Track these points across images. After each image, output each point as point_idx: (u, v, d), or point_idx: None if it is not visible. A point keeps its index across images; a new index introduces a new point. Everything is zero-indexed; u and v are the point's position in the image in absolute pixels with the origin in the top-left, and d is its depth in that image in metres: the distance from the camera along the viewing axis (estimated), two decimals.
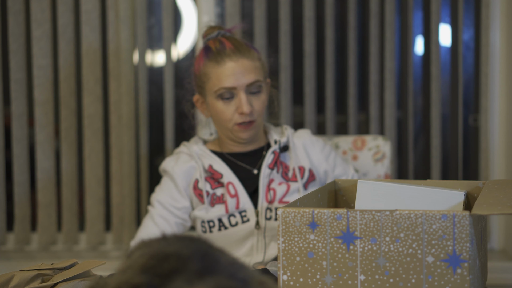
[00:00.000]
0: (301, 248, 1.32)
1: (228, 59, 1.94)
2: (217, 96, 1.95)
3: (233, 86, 1.93)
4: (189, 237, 0.94)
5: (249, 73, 1.94)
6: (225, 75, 1.93)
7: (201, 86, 2.00)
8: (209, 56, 1.97)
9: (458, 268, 1.27)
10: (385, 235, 1.29)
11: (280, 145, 2.00)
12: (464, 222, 1.26)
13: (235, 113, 1.94)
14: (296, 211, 1.33)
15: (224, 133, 2.01)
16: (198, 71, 2.00)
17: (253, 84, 1.95)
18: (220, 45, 1.97)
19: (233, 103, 1.94)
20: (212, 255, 0.90)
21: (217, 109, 1.96)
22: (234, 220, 1.97)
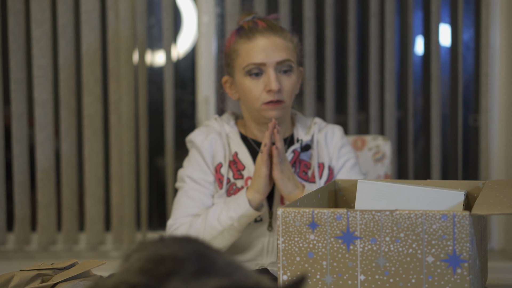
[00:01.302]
0: (301, 248, 1.32)
1: (260, 35, 1.88)
2: (246, 73, 1.88)
3: (263, 62, 1.86)
4: (186, 238, 0.94)
5: (280, 50, 1.87)
6: (255, 51, 1.86)
7: (230, 64, 1.93)
8: (240, 33, 1.91)
9: (458, 268, 1.27)
10: (385, 235, 1.29)
11: (301, 144, 1.94)
12: (464, 222, 1.26)
13: (263, 92, 1.86)
14: (296, 211, 1.32)
15: (252, 114, 1.93)
16: (228, 50, 1.94)
17: (283, 62, 1.87)
18: (253, 24, 1.92)
19: (262, 81, 1.87)
20: (209, 256, 0.90)
21: (245, 87, 1.88)
22: None
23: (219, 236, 1.83)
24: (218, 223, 1.83)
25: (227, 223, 1.82)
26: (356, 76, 2.78)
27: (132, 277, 0.87)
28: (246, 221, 1.82)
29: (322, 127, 1.99)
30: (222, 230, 1.82)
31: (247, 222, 1.83)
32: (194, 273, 0.87)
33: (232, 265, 0.91)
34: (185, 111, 2.96)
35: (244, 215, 1.81)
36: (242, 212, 1.81)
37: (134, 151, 2.78)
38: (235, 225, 1.82)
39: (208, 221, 1.84)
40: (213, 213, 1.84)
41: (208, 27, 2.83)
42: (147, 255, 0.90)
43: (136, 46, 2.77)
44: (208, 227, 1.83)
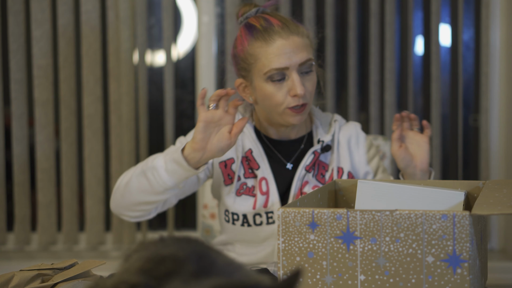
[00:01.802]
0: (301, 248, 1.32)
1: (278, 36, 1.75)
2: (267, 78, 1.76)
3: (285, 66, 1.74)
4: (186, 238, 0.94)
5: (301, 51, 1.76)
6: (276, 55, 1.74)
7: (246, 68, 1.80)
8: (254, 34, 1.78)
9: (458, 268, 1.27)
10: (385, 235, 1.29)
11: (322, 145, 1.85)
12: (464, 222, 1.26)
13: (287, 96, 1.76)
14: (296, 211, 1.32)
15: (273, 117, 1.82)
16: (243, 53, 1.80)
17: (305, 63, 1.76)
18: (265, 22, 1.78)
19: (285, 85, 1.76)
20: (209, 256, 0.90)
21: (267, 92, 1.77)
22: (259, 219, 1.84)
23: (144, 174, 1.71)
24: (151, 162, 1.72)
25: (158, 163, 1.69)
26: (356, 76, 2.78)
27: (132, 277, 0.87)
28: (173, 169, 1.67)
29: (342, 124, 1.92)
30: (151, 167, 1.70)
31: (174, 172, 1.68)
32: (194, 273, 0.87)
33: (233, 265, 0.92)
34: (185, 111, 2.96)
35: (174, 160, 1.66)
36: (173, 156, 1.67)
37: (134, 151, 2.78)
38: (163, 168, 1.68)
39: (148, 159, 1.76)
40: (157, 154, 1.78)
41: (208, 27, 2.84)
42: (147, 255, 0.90)
43: (136, 46, 2.78)
44: (144, 162, 1.76)
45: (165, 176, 1.68)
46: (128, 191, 1.75)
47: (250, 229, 1.85)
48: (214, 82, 2.84)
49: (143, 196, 1.74)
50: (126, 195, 1.76)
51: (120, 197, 1.78)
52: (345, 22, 2.80)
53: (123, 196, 1.77)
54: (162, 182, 1.69)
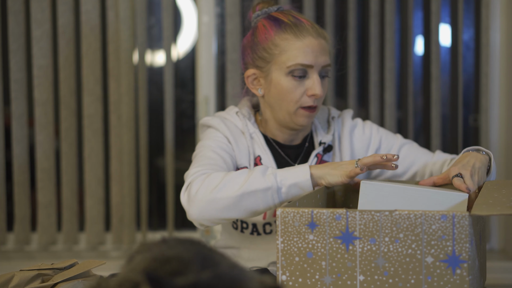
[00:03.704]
0: (300, 248, 1.32)
1: (308, 34, 1.74)
2: (288, 72, 1.74)
3: (311, 64, 1.73)
4: (189, 240, 0.95)
5: (325, 54, 1.76)
6: (304, 50, 1.73)
7: (266, 59, 1.76)
8: (283, 27, 1.75)
9: (458, 268, 1.27)
10: (385, 236, 1.29)
11: (324, 147, 1.84)
12: (463, 222, 1.26)
13: (304, 95, 1.74)
14: (295, 211, 1.32)
15: (281, 115, 1.79)
16: (266, 42, 1.76)
17: (326, 66, 1.77)
18: (294, 19, 1.77)
19: (304, 84, 1.74)
20: (212, 258, 0.91)
21: (284, 87, 1.74)
22: (269, 228, 1.82)
23: (257, 193, 1.60)
24: (267, 179, 1.60)
25: (276, 184, 1.59)
26: (356, 76, 2.78)
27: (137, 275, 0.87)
28: (294, 193, 1.60)
29: (339, 120, 1.89)
30: (268, 188, 1.59)
31: (294, 195, 1.60)
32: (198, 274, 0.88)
33: (236, 267, 0.92)
34: (185, 111, 2.96)
35: (298, 184, 1.59)
36: (298, 181, 1.59)
37: (134, 151, 2.78)
38: (282, 191, 1.59)
39: (254, 174, 1.61)
40: (261, 169, 1.62)
41: (208, 27, 2.83)
42: (152, 256, 0.91)
43: (136, 46, 2.78)
44: (253, 178, 1.60)
45: (282, 198, 1.61)
46: (232, 208, 1.62)
47: (260, 237, 1.83)
48: (214, 82, 2.84)
49: (248, 214, 1.63)
50: (228, 211, 1.62)
51: (216, 210, 1.62)
52: (345, 22, 2.80)
53: (222, 211, 1.62)
54: (278, 203, 1.61)
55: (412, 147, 1.87)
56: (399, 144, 1.87)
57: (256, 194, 1.59)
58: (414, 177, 1.84)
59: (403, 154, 1.85)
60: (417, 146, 1.88)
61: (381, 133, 1.89)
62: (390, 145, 1.87)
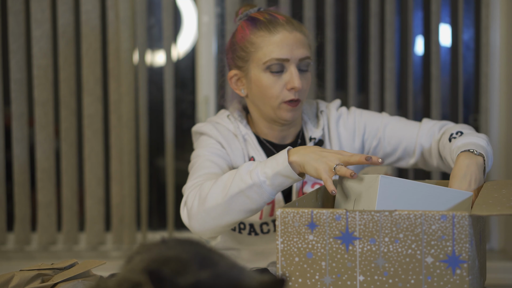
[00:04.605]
0: (300, 248, 1.32)
1: (282, 28, 1.75)
2: (265, 68, 1.74)
3: (286, 58, 1.73)
4: (189, 241, 0.95)
5: (302, 47, 1.76)
6: (278, 44, 1.73)
7: (244, 58, 1.78)
8: (258, 25, 1.77)
9: (458, 268, 1.27)
10: (384, 236, 1.29)
11: (315, 143, 1.83)
12: (463, 222, 1.26)
13: (284, 89, 1.75)
14: (295, 212, 1.32)
15: (266, 112, 1.79)
16: (243, 41, 1.78)
17: (304, 59, 1.76)
18: (269, 16, 1.79)
19: (283, 78, 1.75)
20: (211, 258, 0.91)
21: (263, 83, 1.75)
22: (266, 228, 1.82)
23: (243, 193, 1.59)
24: (249, 176, 1.59)
25: (258, 179, 1.58)
26: (356, 76, 2.78)
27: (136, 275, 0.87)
28: (280, 182, 1.58)
29: (328, 113, 1.87)
30: (251, 185, 1.58)
31: (281, 185, 1.59)
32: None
33: (235, 267, 0.92)
34: (185, 111, 2.96)
35: (280, 173, 1.57)
36: (278, 169, 1.57)
37: (134, 151, 2.78)
38: (266, 184, 1.58)
39: (238, 173, 1.61)
40: (246, 166, 1.62)
41: (208, 27, 2.84)
42: (151, 257, 0.91)
43: (136, 46, 2.78)
44: (237, 179, 1.60)
45: (269, 191, 1.59)
46: (226, 213, 1.62)
47: (258, 237, 1.83)
48: (214, 82, 2.84)
49: (244, 215, 1.63)
50: (223, 217, 1.63)
51: (213, 219, 1.63)
52: (345, 22, 2.80)
53: (218, 218, 1.63)
54: (267, 197, 1.60)
55: (399, 124, 1.84)
56: (383, 125, 1.85)
57: (242, 194, 1.60)
58: (404, 153, 1.83)
59: (389, 133, 1.84)
60: (405, 121, 1.85)
61: (365, 118, 1.87)
62: (375, 129, 1.85)
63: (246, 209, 1.62)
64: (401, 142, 1.83)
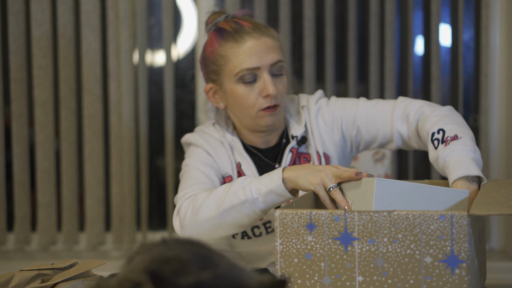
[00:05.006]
0: (299, 249, 1.32)
1: (248, 36, 1.73)
2: (238, 80, 1.73)
3: (257, 66, 1.72)
4: (189, 241, 0.95)
5: (272, 51, 1.73)
6: (247, 54, 1.72)
7: (216, 71, 1.77)
8: (224, 36, 1.76)
9: (457, 268, 1.27)
10: (383, 236, 1.29)
11: (297, 140, 1.81)
12: (462, 222, 1.26)
13: (259, 97, 1.73)
14: (293, 213, 1.32)
15: (245, 122, 1.79)
16: (212, 55, 1.77)
17: (276, 64, 1.74)
18: (236, 25, 1.77)
19: (256, 87, 1.73)
20: (212, 258, 0.91)
21: (238, 95, 1.74)
22: (258, 231, 1.82)
23: (236, 208, 1.60)
24: (243, 192, 1.60)
25: (251, 195, 1.59)
26: (356, 76, 2.78)
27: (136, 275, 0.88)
28: (272, 200, 1.59)
29: (310, 107, 1.84)
30: (244, 201, 1.59)
31: (273, 203, 1.60)
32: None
33: (235, 268, 0.92)
34: (185, 111, 2.96)
35: (273, 191, 1.58)
36: (272, 188, 1.58)
37: (134, 151, 2.78)
38: (259, 200, 1.59)
39: (232, 188, 1.62)
40: (240, 181, 1.63)
41: None
42: (151, 257, 0.91)
43: (136, 46, 2.78)
44: (231, 193, 1.61)
45: (262, 207, 1.60)
46: (218, 226, 1.64)
47: (252, 240, 1.84)
48: None
49: (235, 229, 1.65)
50: (215, 231, 1.65)
51: (205, 232, 1.65)
52: (345, 22, 2.80)
53: (210, 231, 1.65)
54: (259, 214, 1.61)
55: (374, 109, 1.79)
56: (359, 113, 1.80)
57: (235, 209, 1.61)
58: (384, 140, 1.79)
59: (366, 121, 1.79)
60: (381, 105, 1.80)
61: (341, 108, 1.83)
62: (351, 117, 1.81)
63: (238, 223, 1.63)
64: (378, 129, 1.78)
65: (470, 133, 1.66)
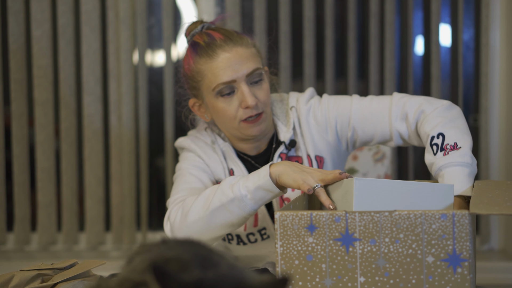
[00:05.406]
0: (300, 251, 1.32)
1: (221, 50, 1.71)
2: (216, 94, 1.72)
3: (232, 79, 1.70)
4: (189, 241, 0.95)
5: (246, 61, 1.72)
6: (221, 69, 1.70)
7: (196, 87, 1.77)
8: (198, 51, 1.74)
9: (459, 267, 1.27)
10: (385, 236, 1.29)
11: (285, 144, 1.80)
12: (463, 221, 1.26)
13: (239, 109, 1.72)
14: (294, 214, 1.32)
15: (231, 132, 1.79)
16: (190, 71, 1.77)
17: (252, 73, 1.72)
18: (208, 38, 1.74)
19: (235, 98, 1.72)
20: (212, 259, 0.91)
21: (218, 108, 1.74)
22: (253, 237, 1.83)
23: (225, 206, 1.60)
24: (231, 190, 1.59)
25: (240, 192, 1.58)
26: (356, 76, 2.78)
27: (137, 275, 0.88)
28: (261, 196, 1.58)
29: (299, 108, 1.82)
30: (233, 199, 1.58)
31: (262, 199, 1.59)
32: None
33: (236, 268, 0.92)
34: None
35: (261, 187, 1.57)
36: (260, 183, 1.57)
37: (134, 151, 2.78)
38: (248, 197, 1.58)
39: (220, 188, 1.61)
40: (228, 180, 1.62)
41: None
42: (151, 257, 0.91)
43: (136, 46, 2.78)
44: (219, 193, 1.61)
45: (251, 205, 1.59)
46: (207, 227, 1.64)
47: (247, 246, 1.84)
48: None
49: (225, 229, 1.64)
50: (205, 232, 1.64)
51: (195, 234, 1.65)
52: (345, 22, 2.80)
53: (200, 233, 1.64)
54: (248, 211, 1.60)
55: (369, 108, 1.77)
56: (354, 112, 1.78)
57: (224, 208, 1.60)
58: (382, 139, 1.77)
59: (361, 121, 1.77)
60: (376, 103, 1.77)
61: (334, 108, 1.80)
62: (346, 117, 1.79)
63: (227, 223, 1.62)
64: (375, 129, 1.76)
65: (469, 139, 1.64)
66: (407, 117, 1.73)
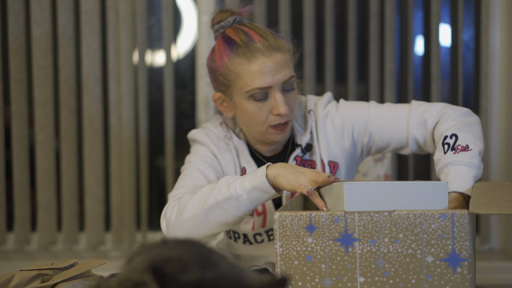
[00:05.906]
0: (299, 251, 1.32)
1: (260, 54, 1.69)
2: (249, 97, 1.70)
3: (269, 86, 1.69)
4: (189, 241, 0.95)
5: (284, 68, 1.70)
6: (258, 73, 1.68)
7: (226, 84, 1.74)
8: (235, 50, 1.71)
9: (458, 267, 1.27)
10: (384, 236, 1.29)
11: (302, 148, 1.80)
12: (463, 221, 1.26)
13: (270, 115, 1.71)
14: (293, 215, 1.32)
15: (254, 135, 1.78)
16: (222, 68, 1.73)
17: (288, 80, 1.71)
18: (246, 38, 1.71)
19: (267, 104, 1.71)
20: (212, 259, 0.91)
21: (248, 110, 1.72)
22: (260, 238, 1.83)
23: (220, 205, 1.60)
24: (227, 189, 1.60)
25: (236, 192, 1.59)
26: (356, 76, 2.78)
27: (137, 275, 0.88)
28: (257, 196, 1.58)
29: (317, 112, 1.82)
30: (229, 197, 1.59)
31: (258, 200, 1.59)
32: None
33: (236, 268, 0.92)
34: (185, 111, 2.96)
35: (257, 187, 1.57)
36: (256, 184, 1.58)
37: (134, 151, 2.78)
38: (244, 197, 1.58)
39: (217, 186, 1.62)
40: (225, 179, 1.63)
41: (208, 27, 2.83)
42: (151, 257, 0.91)
43: (136, 46, 2.78)
44: (215, 191, 1.61)
45: (246, 204, 1.60)
46: (202, 224, 1.64)
47: (253, 246, 1.84)
48: None
49: (220, 228, 1.64)
50: (200, 229, 1.64)
51: (190, 231, 1.66)
52: (345, 22, 2.80)
53: (194, 230, 1.64)
54: (243, 211, 1.61)
55: (387, 114, 1.77)
56: (371, 118, 1.78)
57: (219, 206, 1.60)
58: (398, 146, 1.76)
59: (379, 127, 1.77)
60: (394, 110, 1.77)
61: (352, 114, 1.80)
62: (363, 123, 1.79)
63: (222, 221, 1.62)
64: (392, 135, 1.76)
65: (481, 146, 1.63)
66: (425, 122, 1.72)
